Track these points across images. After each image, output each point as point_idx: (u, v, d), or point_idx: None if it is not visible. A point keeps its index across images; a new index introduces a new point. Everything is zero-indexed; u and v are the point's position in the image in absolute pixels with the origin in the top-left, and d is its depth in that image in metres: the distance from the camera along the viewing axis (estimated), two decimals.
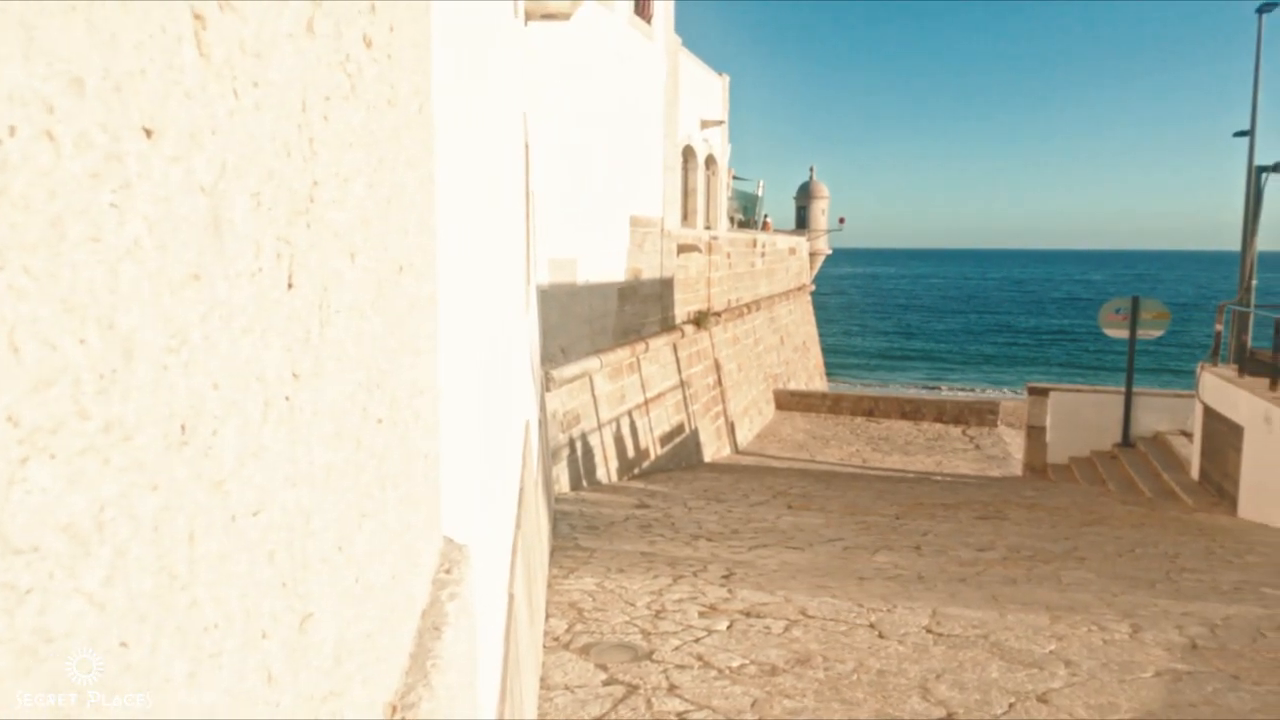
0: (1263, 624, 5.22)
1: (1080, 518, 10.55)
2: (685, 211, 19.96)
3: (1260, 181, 13.83)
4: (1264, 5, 15.75)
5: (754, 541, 8.26)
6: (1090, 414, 17.35)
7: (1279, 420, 10.88)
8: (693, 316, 18.93)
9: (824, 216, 37.98)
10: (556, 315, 12.11)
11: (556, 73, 11.97)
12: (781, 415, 25.75)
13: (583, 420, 12.55)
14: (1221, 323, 14.65)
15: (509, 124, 4.82)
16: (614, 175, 14.30)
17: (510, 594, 2.91)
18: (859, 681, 4.19)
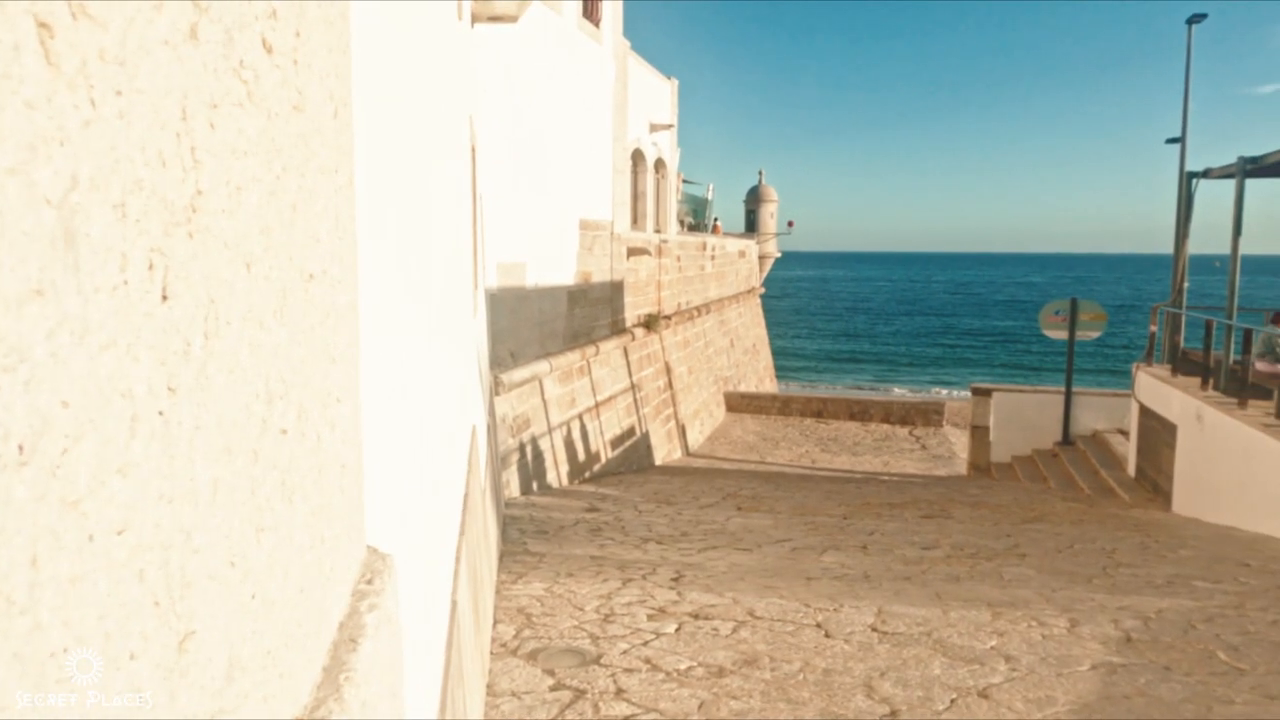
0: (1193, 616, 5.38)
1: (1022, 515, 10.77)
2: (635, 215, 20.00)
3: (1191, 187, 14.24)
4: (1193, 16, 16.25)
5: (704, 544, 8.29)
6: (1032, 413, 17.74)
7: (1210, 418, 11.22)
8: (643, 320, 18.97)
9: (773, 220, 38.30)
10: (506, 319, 12.05)
11: (504, 76, 11.92)
12: (732, 417, 25.91)
13: (533, 424, 12.50)
14: (1155, 324, 15.08)
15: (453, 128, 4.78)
16: (563, 178, 14.27)
17: (454, 601, 2.89)
18: (805, 681, 4.23)
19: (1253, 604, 5.77)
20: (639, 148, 19.79)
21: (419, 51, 2.50)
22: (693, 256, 24.68)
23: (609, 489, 12.78)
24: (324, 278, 0.89)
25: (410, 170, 2.15)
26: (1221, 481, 10.81)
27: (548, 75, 13.48)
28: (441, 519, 2.75)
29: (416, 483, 1.82)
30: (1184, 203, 14.44)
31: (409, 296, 1.85)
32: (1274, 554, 7.93)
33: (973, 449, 18.74)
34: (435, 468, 2.52)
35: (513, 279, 12.24)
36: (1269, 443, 9.46)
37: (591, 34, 15.57)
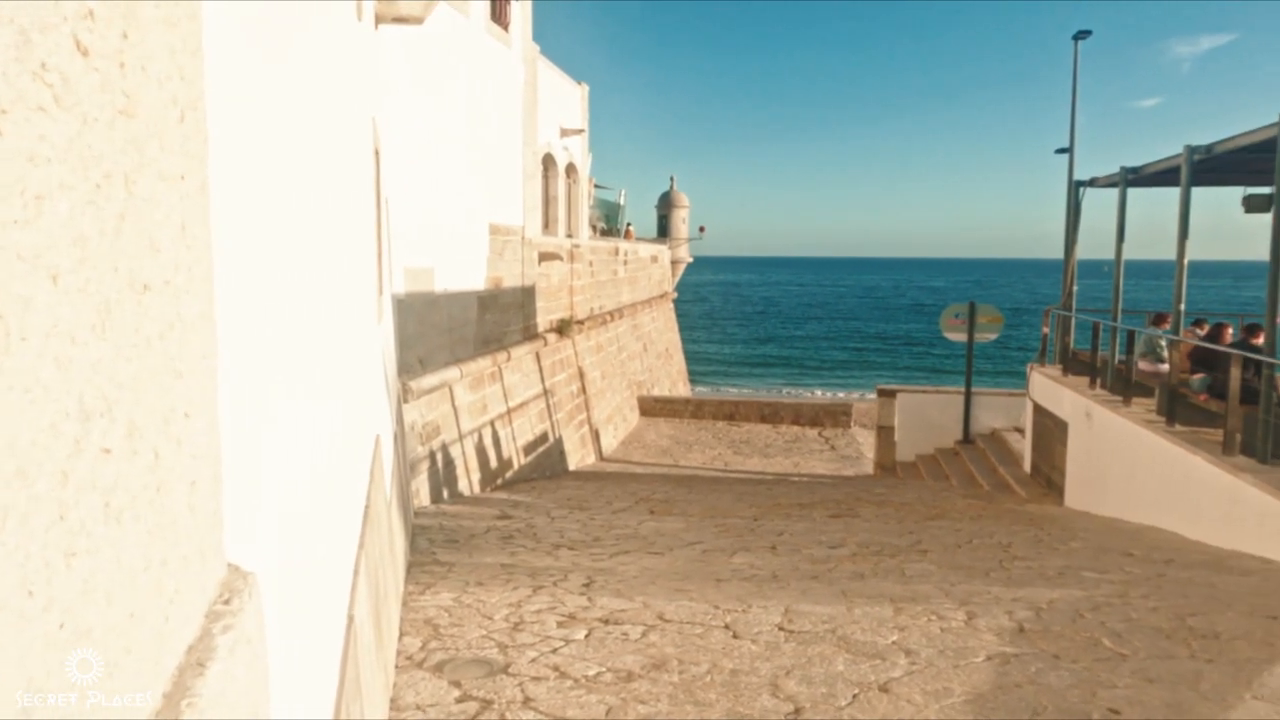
0: (1081, 606, 5.62)
1: (925, 512, 11.09)
2: (546, 220, 19.92)
3: (1078, 195, 14.94)
4: (1079, 33, 17.07)
5: (615, 548, 8.29)
6: (934, 413, 18.32)
7: (1098, 415, 11.77)
8: (555, 325, 18.90)
9: (685, 225, 38.65)
10: (414, 325, 11.84)
11: (411, 78, 11.73)
12: (646, 421, 26.01)
13: (443, 432, 12.31)
14: (1048, 326, 15.76)
15: (353, 130, 4.68)
16: (472, 182, 14.12)
17: (350, 615, 2.82)
18: (712, 683, 4.26)
19: (1135, 592, 6.06)
20: (550, 152, 19.73)
21: (306, 53, 2.44)
22: (605, 261, 24.71)
23: (521, 496, 12.68)
24: (165, 288, 0.85)
25: (295, 174, 2.10)
26: (1109, 476, 11.34)
27: (456, 78, 13.32)
28: (336, 532, 2.68)
29: (299, 496, 1.77)
30: (1072, 210, 15.13)
31: (288, 304, 1.80)
32: (1156, 544, 8.35)
33: (879, 449, 19.24)
34: (326, 479, 2.46)
35: (421, 284, 12.04)
36: (1151, 438, 9.96)
37: (500, 37, 15.45)
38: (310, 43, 2.58)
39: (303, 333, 2.09)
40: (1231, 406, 8.67)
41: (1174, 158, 10.78)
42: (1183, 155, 10.40)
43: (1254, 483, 7.73)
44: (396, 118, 10.98)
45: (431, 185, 12.41)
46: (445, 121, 12.91)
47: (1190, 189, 10.59)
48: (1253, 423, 8.50)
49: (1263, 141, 8.78)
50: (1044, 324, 16.01)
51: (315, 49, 2.72)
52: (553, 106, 19.87)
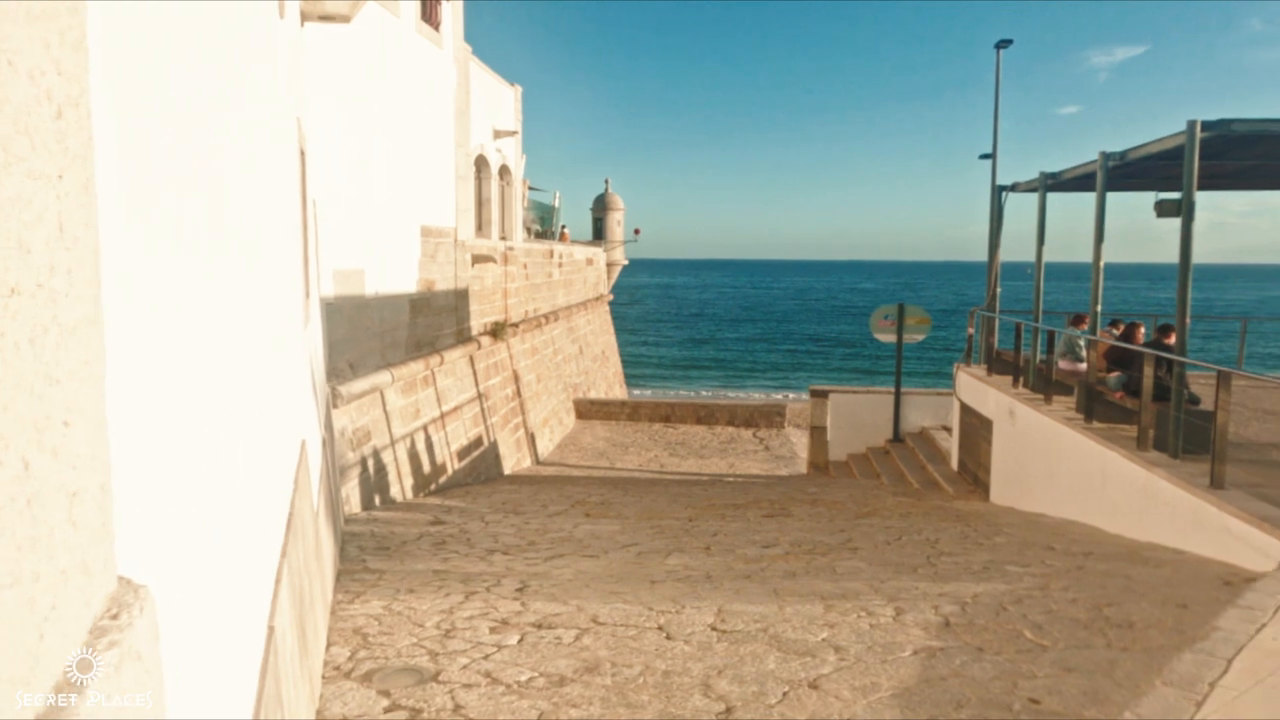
0: (1004, 599, 5.77)
1: (856, 510, 11.27)
2: (480, 222, 19.75)
3: (1001, 200, 15.34)
4: (1001, 42, 17.55)
5: (550, 552, 8.25)
6: (866, 413, 18.64)
7: (1021, 413, 12.11)
8: (489, 328, 18.74)
9: (620, 228, 38.68)
10: (344, 328, 11.62)
11: (341, 78, 11.52)
12: (582, 424, 25.96)
13: (374, 437, 12.11)
14: (973, 327, 16.15)
15: (274, 129, 4.58)
16: (403, 184, 13.92)
17: (271, 626, 2.75)
18: (645, 684, 4.27)
19: (1056, 584, 6.25)
20: (483, 154, 19.57)
21: (214, 50, 2.38)
22: (540, 264, 24.59)
23: (455, 501, 12.54)
24: (38, 292, 0.81)
25: (200, 174, 2.04)
26: (1031, 472, 11.68)
27: (386, 78, 13.13)
28: (253, 541, 2.61)
29: (205, 505, 1.71)
30: (995, 214, 15.53)
31: (192, 307, 1.74)
32: (1076, 537, 8.62)
33: (812, 448, 19.50)
34: (241, 487, 2.39)
35: (351, 287, 11.83)
36: (1070, 435, 10.28)
37: (431, 37, 15.27)
38: (220, 39, 2.51)
39: (210, 337, 2.03)
40: (1145, 404, 8.99)
41: (1090, 164, 11.14)
42: (1098, 161, 10.76)
43: (1166, 477, 8.03)
44: (325, 118, 10.77)
45: (361, 187, 12.20)
46: (376, 122, 12.71)
47: (1105, 194, 10.96)
48: (1164, 419, 8.82)
49: (1172, 149, 9.13)
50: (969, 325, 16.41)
51: (226, 46, 2.66)
52: (485, 108, 19.71)
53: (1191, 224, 8.93)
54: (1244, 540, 6.71)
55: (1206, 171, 9.74)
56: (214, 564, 1.73)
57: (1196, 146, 8.56)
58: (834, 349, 71.30)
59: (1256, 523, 6.65)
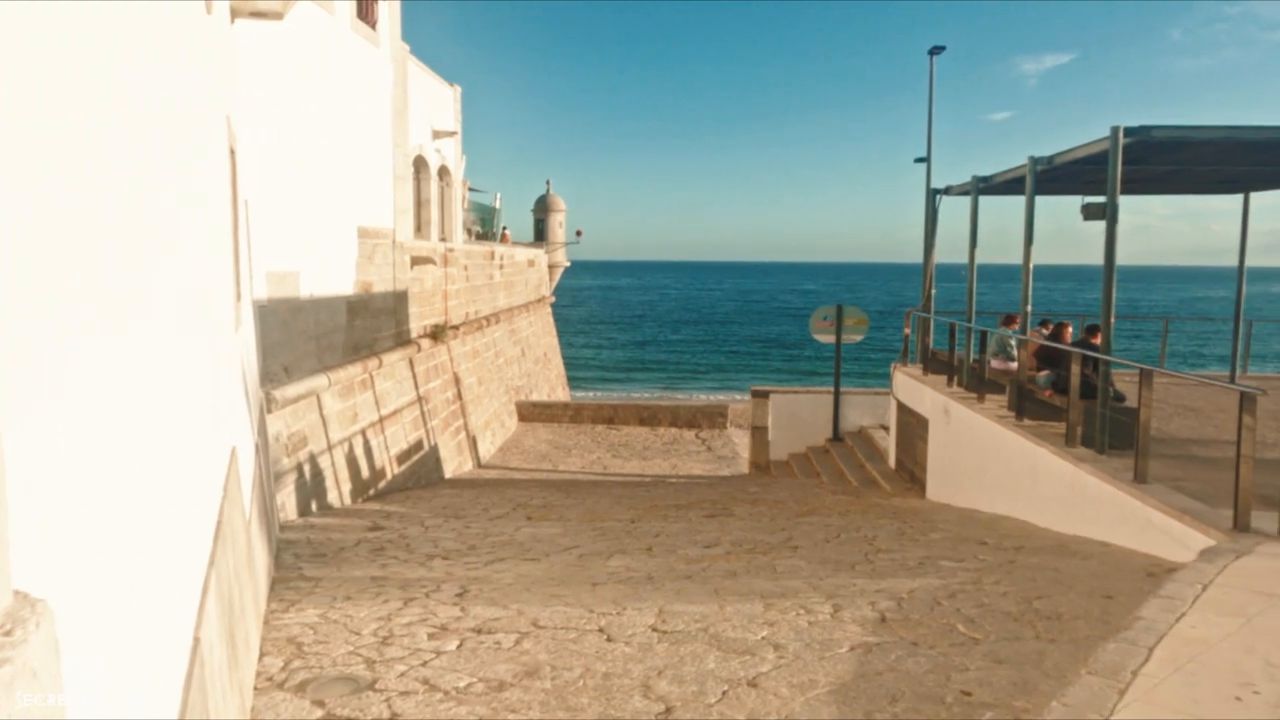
0: (939, 594, 5.88)
1: (796, 509, 11.40)
2: (419, 223, 19.52)
3: (935, 202, 15.67)
4: (934, 48, 17.92)
5: (491, 556, 8.18)
6: (806, 413, 18.88)
7: (955, 412, 12.37)
8: (429, 330, 18.53)
9: (562, 229, 38.59)
10: (278, 331, 11.38)
11: (274, 76, 11.28)
12: (524, 427, 25.82)
13: (311, 442, 11.88)
14: (909, 327, 16.45)
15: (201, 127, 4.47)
16: (340, 184, 13.69)
17: (196, 638, 2.68)
18: (585, 687, 4.25)
19: (988, 578, 6.39)
20: (421, 154, 19.34)
21: (133, 46, 2.31)
22: (481, 265, 24.40)
23: (395, 506, 12.37)
24: None
25: (116, 173, 1.98)
26: (966, 469, 11.94)
27: (321, 77, 12.89)
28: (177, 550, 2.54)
29: (119, 516, 1.66)
30: (930, 217, 15.85)
31: (100, 306, 1.69)
32: (1008, 532, 8.83)
33: (753, 448, 19.67)
34: (161, 496, 2.33)
35: (285, 289, 11.59)
36: (1002, 433, 10.54)
37: (368, 36, 15.05)
38: (133, 32, 2.44)
39: (121, 337, 1.97)
40: (1072, 401, 9.25)
41: (1019, 168, 11.43)
42: (1027, 166, 11.05)
43: (1092, 472, 8.27)
44: (258, 117, 10.54)
45: (296, 187, 11.96)
46: (311, 121, 12.48)
47: (1034, 198, 11.26)
48: (1091, 416, 9.09)
49: (1096, 154, 9.42)
50: (905, 325, 16.71)
51: (140, 39, 2.58)
52: (424, 108, 19.48)
53: (1115, 227, 9.22)
54: (1166, 532, 6.95)
55: (1129, 176, 10.07)
56: (128, 575, 1.67)
57: (1119, 152, 8.84)
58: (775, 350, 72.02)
59: (1177, 515, 6.89)
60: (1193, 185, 13.96)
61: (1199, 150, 10.11)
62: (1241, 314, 14.73)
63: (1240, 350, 14.93)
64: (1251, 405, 6.43)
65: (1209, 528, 6.50)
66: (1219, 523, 6.56)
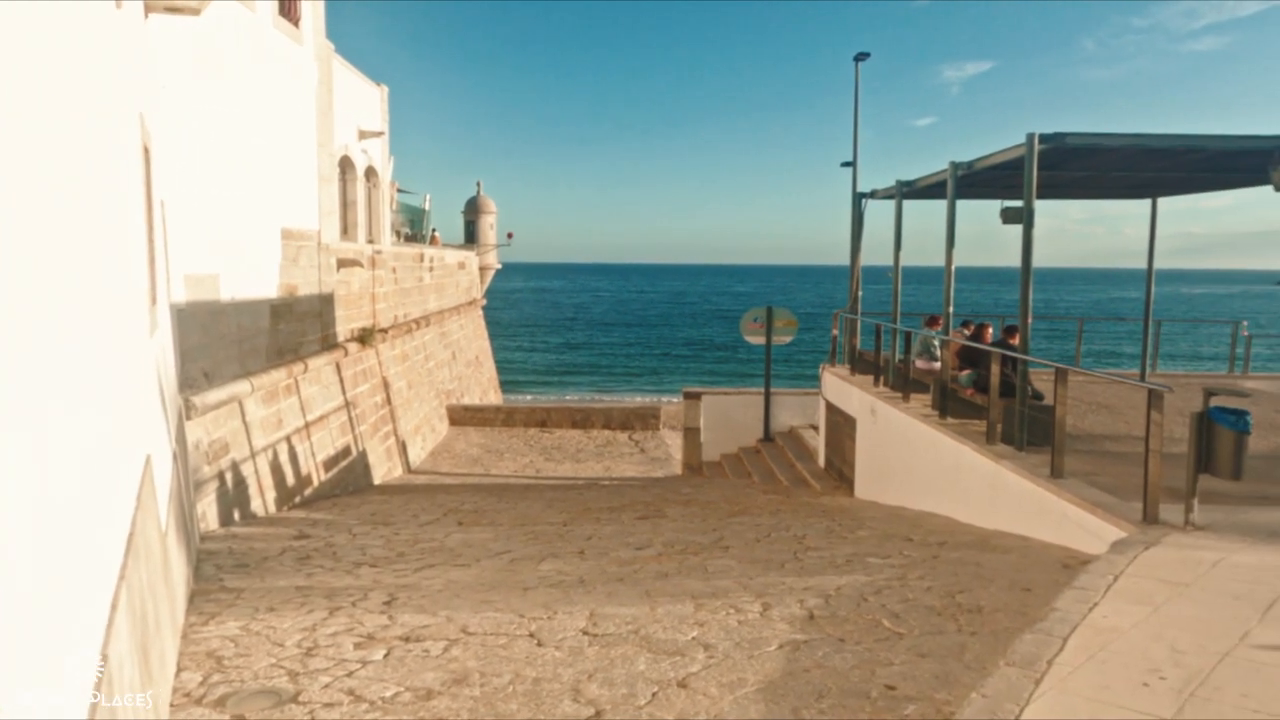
0: (865, 590, 5.99)
1: (728, 509, 11.49)
2: (345, 225, 19.16)
3: (861, 206, 15.97)
4: (859, 55, 18.26)
5: (420, 563, 8.07)
6: (738, 414, 19.06)
7: (881, 411, 12.61)
8: (357, 334, 18.19)
9: (493, 231, 38.27)
10: (197, 336, 11.04)
11: (193, 73, 10.94)
12: (456, 431, 25.53)
13: (233, 449, 11.55)
14: (837, 328, 16.74)
15: (108, 126, 4.32)
16: (262, 185, 13.34)
17: (104, 654, 2.58)
18: (514, 693, 4.22)
19: (913, 574, 6.53)
20: (348, 155, 18.99)
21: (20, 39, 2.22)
22: (410, 268, 24.06)
23: (321, 514, 12.11)
24: None
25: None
26: (893, 467, 12.19)
27: (242, 75, 12.56)
28: (81, 565, 2.44)
29: (9, 531, 1.59)
30: (856, 220, 16.15)
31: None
32: (933, 528, 9.04)
33: (686, 450, 19.77)
34: (62, 509, 2.23)
35: (204, 292, 11.25)
36: (926, 431, 10.78)
37: (290, 33, 14.71)
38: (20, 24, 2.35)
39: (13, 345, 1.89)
40: (992, 400, 9.51)
41: (941, 173, 11.72)
42: (948, 171, 11.33)
43: (1012, 468, 8.52)
44: (175, 115, 10.22)
45: (216, 187, 11.63)
46: (231, 120, 12.14)
47: (955, 201, 11.55)
48: (1011, 414, 9.36)
49: (1014, 159, 9.70)
50: (834, 327, 17.00)
51: (31, 32, 2.49)
52: (350, 107, 19.13)
53: (1031, 230, 9.51)
54: (1080, 526, 7.19)
55: (1045, 181, 10.39)
56: (21, 591, 1.60)
57: (1035, 157, 9.12)
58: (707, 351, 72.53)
59: (1091, 509, 7.13)
60: (1105, 190, 14.49)
61: (1109, 156, 10.49)
62: (1151, 315, 15.34)
63: (1150, 349, 15.54)
64: (1159, 402, 6.70)
65: (1120, 520, 6.75)
66: (1130, 515, 6.81)
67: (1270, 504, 7.60)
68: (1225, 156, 10.25)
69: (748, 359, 57.31)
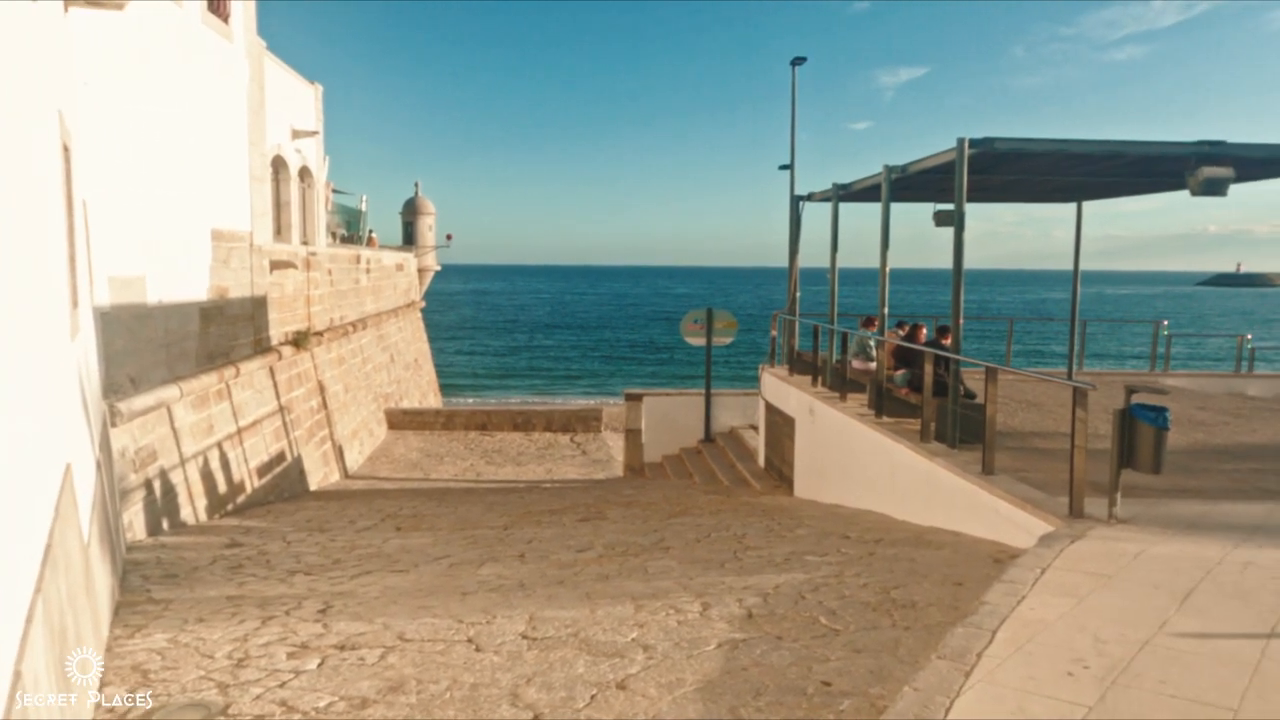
0: (803, 589, 6.06)
1: (669, 510, 11.53)
2: (279, 226, 18.76)
3: (799, 208, 16.16)
4: (795, 59, 18.49)
5: (357, 569, 7.94)
6: (679, 415, 19.14)
7: (819, 411, 12.78)
8: (291, 337, 17.83)
9: (431, 232, 37.86)
10: (123, 340, 10.71)
11: (117, 70, 10.60)
12: (394, 435, 25.19)
13: (161, 457, 11.23)
14: (776, 329, 16.91)
15: (25, 123, 4.17)
16: (191, 185, 13.00)
17: (18, 671, 2.49)
18: (452, 699, 4.17)
19: (850, 571, 6.63)
20: (280, 154, 18.60)
21: None
22: (346, 270, 23.67)
23: (255, 521, 11.83)
24: None
25: None
26: (831, 466, 12.35)
27: (170, 71, 12.21)
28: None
29: None
30: (794, 222, 16.34)
31: None
32: (869, 525, 9.19)
33: (628, 451, 19.79)
34: None
35: (130, 295, 10.91)
36: (863, 430, 10.95)
37: (220, 30, 14.36)
38: None
39: None
40: (926, 399, 9.71)
41: (875, 176, 11.92)
42: (882, 174, 11.53)
43: (945, 465, 8.70)
44: (99, 113, 9.90)
45: (143, 187, 11.29)
46: (158, 118, 11.79)
47: (890, 204, 11.76)
48: (944, 413, 9.56)
49: (945, 163, 9.92)
50: (772, 328, 17.17)
51: None
52: (283, 106, 18.74)
53: (963, 233, 9.73)
54: (1010, 520, 7.37)
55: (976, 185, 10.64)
56: None
57: (965, 162, 9.33)
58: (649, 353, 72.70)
59: (1020, 504, 7.32)
60: (1033, 194, 14.89)
61: (1036, 161, 10.79)
62: (1077, 315, 15.81)
63: (1076, 349, 16.02)
64: (1084, 400, 6.90)
65: (1048, 515, 6.94)
66: (1057, 510, 7.01)
67: (1189, 496, 7.89)
68: (1145, 162, 10.62)
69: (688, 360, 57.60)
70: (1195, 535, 6.44)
